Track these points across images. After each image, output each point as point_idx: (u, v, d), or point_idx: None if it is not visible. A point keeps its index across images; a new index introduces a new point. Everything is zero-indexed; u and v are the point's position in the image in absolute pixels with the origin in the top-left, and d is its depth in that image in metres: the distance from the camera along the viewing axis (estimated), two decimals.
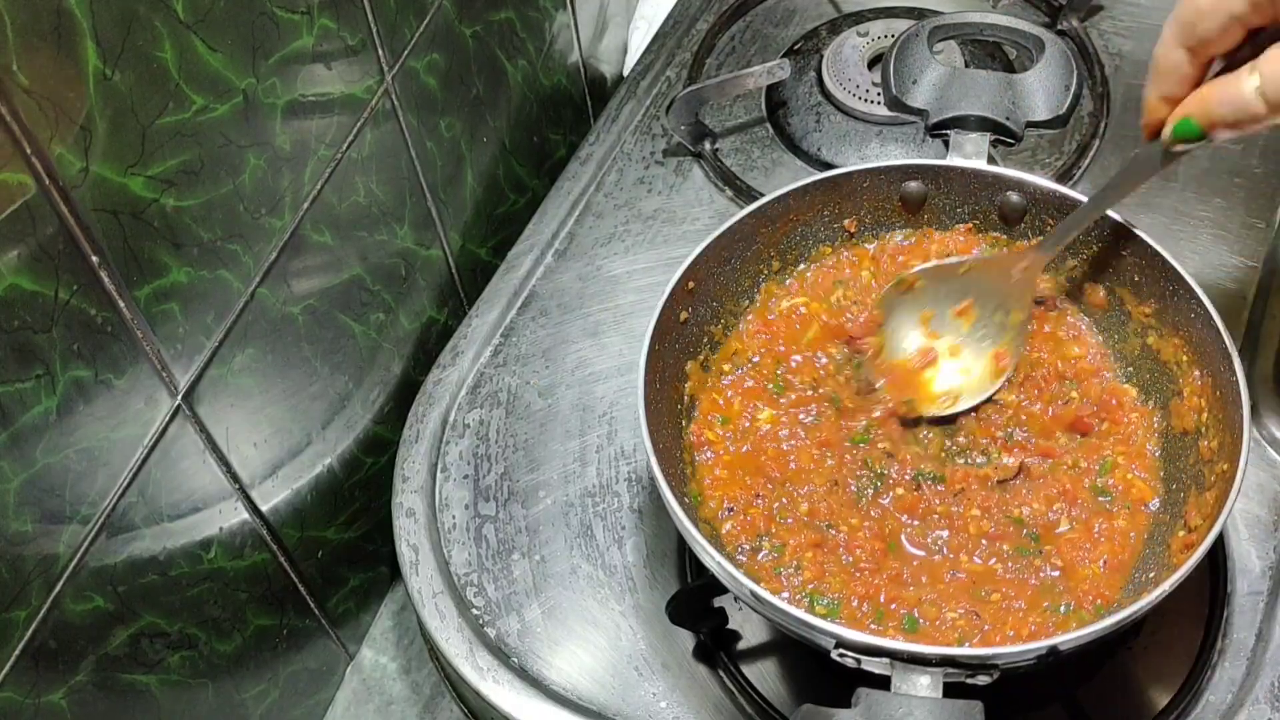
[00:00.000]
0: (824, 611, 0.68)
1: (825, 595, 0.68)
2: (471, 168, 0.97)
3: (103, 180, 0.59)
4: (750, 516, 0.71)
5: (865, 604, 0.68)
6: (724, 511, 0.72)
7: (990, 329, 0.76)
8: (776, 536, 0.70)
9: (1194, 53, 0.62)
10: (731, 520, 0.71)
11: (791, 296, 0.80)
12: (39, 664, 0.62)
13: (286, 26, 0.70)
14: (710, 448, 0.74)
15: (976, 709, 0.58)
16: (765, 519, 0.71)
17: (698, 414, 0.75)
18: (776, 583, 0.69)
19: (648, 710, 0.76)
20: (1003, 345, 0.75)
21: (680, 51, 1.08)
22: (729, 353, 0.78)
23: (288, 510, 0.81)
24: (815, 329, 0.78)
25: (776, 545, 0.70)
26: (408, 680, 0.93)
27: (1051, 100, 0.78)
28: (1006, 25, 0.81)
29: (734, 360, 0.78)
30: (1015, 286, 0.75)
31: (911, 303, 0.77)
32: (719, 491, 0.72)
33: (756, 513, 0.71)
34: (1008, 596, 0.68)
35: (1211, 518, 0.63)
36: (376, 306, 0.87)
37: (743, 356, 0.78)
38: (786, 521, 0.71)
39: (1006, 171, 0.76)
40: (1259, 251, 0.90)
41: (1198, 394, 0.71)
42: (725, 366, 0.78)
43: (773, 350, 0.78)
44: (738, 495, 0.72)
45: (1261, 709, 0.72)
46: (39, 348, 0.57)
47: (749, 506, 0.72)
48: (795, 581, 0.69)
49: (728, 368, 0.78)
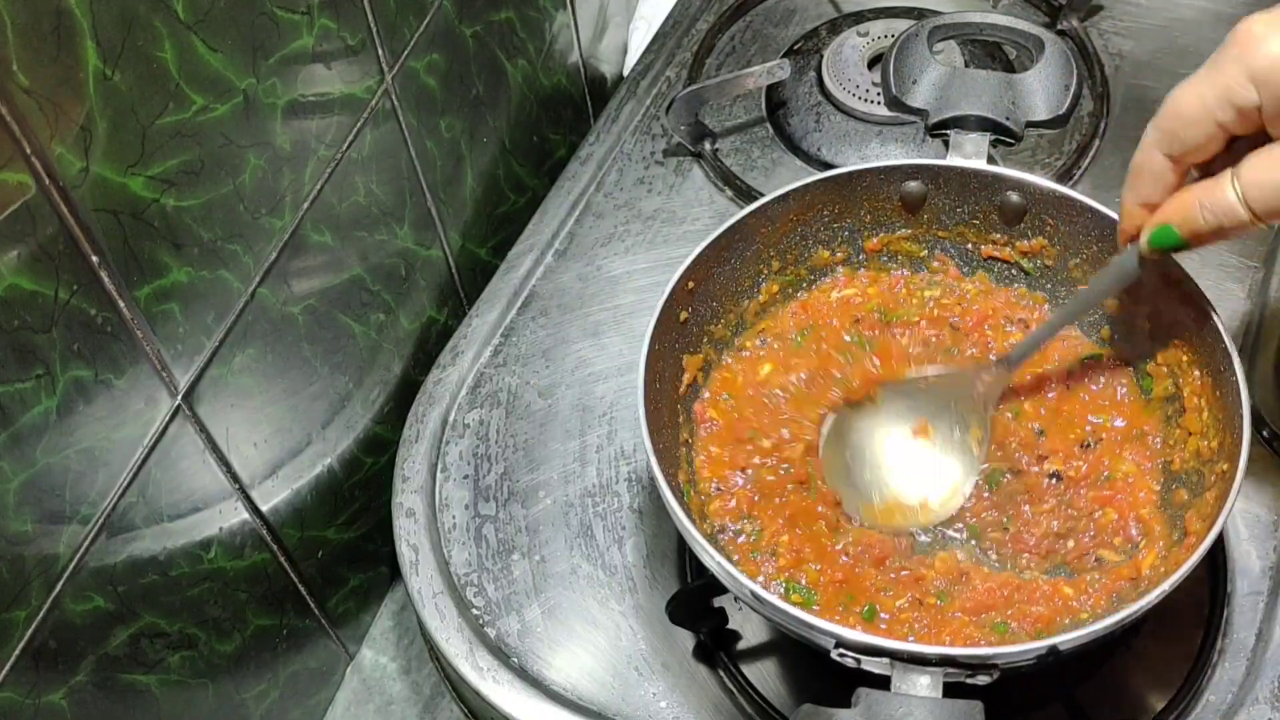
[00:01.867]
0: (799, 600, 0.68)
1: (798, 584, 0.69)
2: (471, 168, 0.97)
3: (103, 180, 0.59)
4: (736, 500, 0.72)
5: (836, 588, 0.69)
6: (713, 490, 0.73)
7: (950, 446, 0.74)
8: (756, 519, 0.71)
9: (1175, 160, 0.62)
10: (719, 499, 0.72)
11: (841, 288, 0.81)
12: (39, 664, 0.62)
13: (286, 26, 0.70)
14: (712, 423, 0.75)
15: (976, 709, 0.58)
16: (748, 501, 0.72)
17: (707, 394, 0.76)
18: (753, 567, 0.70)
19: (648, 710, 0.76)
20: (958, 462, 0.74)
21: (680, 51, 1.08)
22: (757, 330, 0.79)
23: (288, 510, 0.81)
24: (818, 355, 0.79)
25: (756, 529, 0.71)
26: (408, 680, 0.93)
27: (1051, 100, 0.78)
28: (1006, 25, 0.81)
29: (762, 335, 0.79)
30: (976, 402, 0.74)
31: (869, 420, 0.76)
32: (709, 472, 0.73)
33: (741, 494, 0.72)
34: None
35: (1211, 518, 0.63)
36: (376, 306, 0.87)
37: (771, 332, 0.79)
38: (772, 500, 0.72)
39: (1006, 171, 0.76)
40: (1259, 251, 0.90)
41: (1198, 394, 0.70)
42: (751, 343, 0.79)
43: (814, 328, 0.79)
44: (725, 474, 0.73)
45: (1261, 709, 0.72)
46: (39, 348, 0.57)
47: (735, 487, 0.73)
48: (770, 568, 0.70)
49: (753, 344, 0.79)
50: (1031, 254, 0.78)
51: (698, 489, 0.73)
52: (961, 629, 0.67)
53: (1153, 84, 1.01)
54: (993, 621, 0.67)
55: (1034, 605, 0.67)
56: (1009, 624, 0.67)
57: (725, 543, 0.71)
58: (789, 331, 0.79)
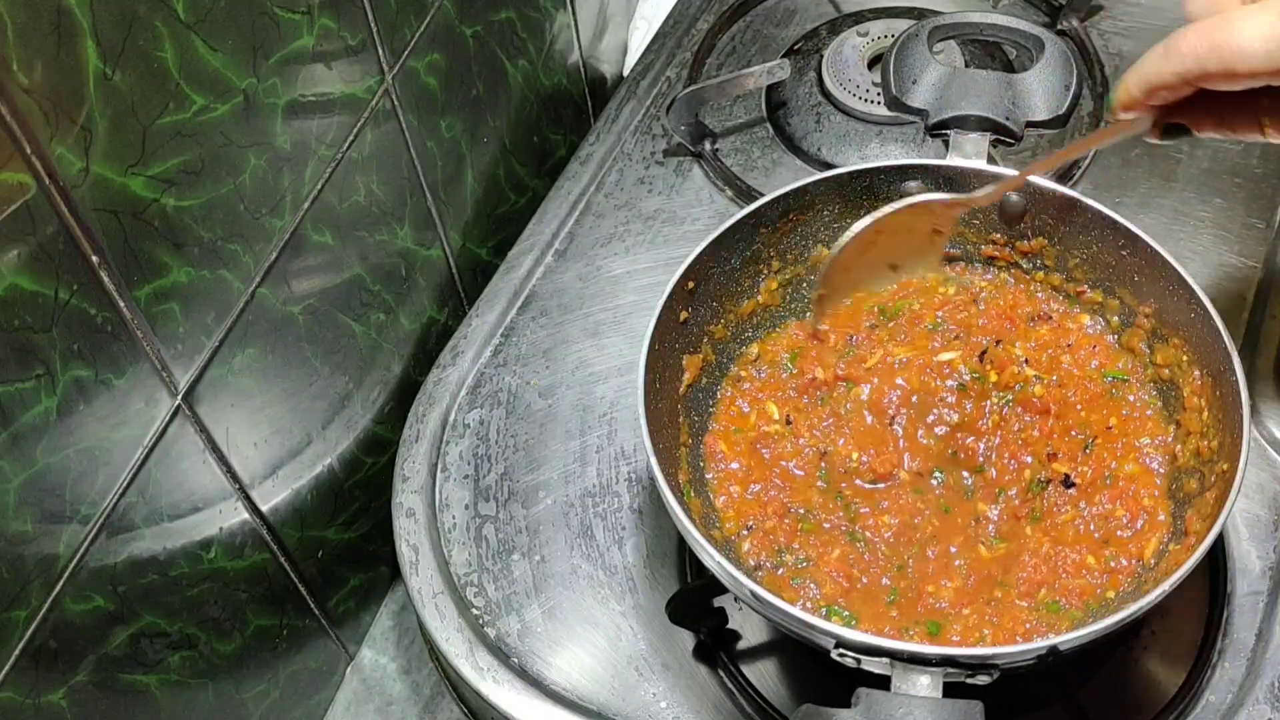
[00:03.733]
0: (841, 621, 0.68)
1: (843, 609, 0.69)
2: (472, 168, 0.97)
3: (103, 180, 0.59)
4: (769, 531, 0.71)
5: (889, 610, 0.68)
6: (744, 530, 0.72)
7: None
8: (801, 550, 0.71)
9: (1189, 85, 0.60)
10: (751, 539, 0.71)
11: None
12: (39, 664, 0.62)
13: (287, 26, 0.70)
14: (722, 457, 0.75)
15: (976, 709, 0.58)
16: (788, 534, 0.71)
17: (714, 424, 0.76)
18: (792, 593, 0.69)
19: (648, 710, 0.76)
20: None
21: (680, 51, 1.08)
22: (750, 358, 0.79)
23: (288, 510, 0.81)
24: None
25: (800, 558, 0.70)
26: (408, 680, 0.93)
27: (1051, 100, 0.78)
28: (1006, 25, 0.81)
29: (755, 364, 0.79)
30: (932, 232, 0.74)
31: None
32: (734, 512, 0.73)
33: (776, 527, 0.71)
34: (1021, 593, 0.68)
35: (1211, 518, 0.63)
36: (377, 306, 0.87)
37: (766, 359, 0.79)
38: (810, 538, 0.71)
39: (1006, 171, 0.76)
40: (1259, 251, 0.90)
41: (1198, 394, 0.70)
42: (745, 372, 0.78)
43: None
44: (755, 512, 0.72)
45: (1261, 709, 0.72)
46: (39, 348, 0.57)
47: (766, 521, 0.72)
48: (814, 594, 0.69)
49: (746, 373, 0.78)
50: (1031, 254, 0.78)
51: (722, 530, 0.73)
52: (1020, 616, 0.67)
53: None
54: (1045, 602, 0.67)
55: (1074, 579, 0.68)
56: (1059, 601, 0.67)
57: (762, 578, 0.71)
58: (780, 355, 0.79)
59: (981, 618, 0.67)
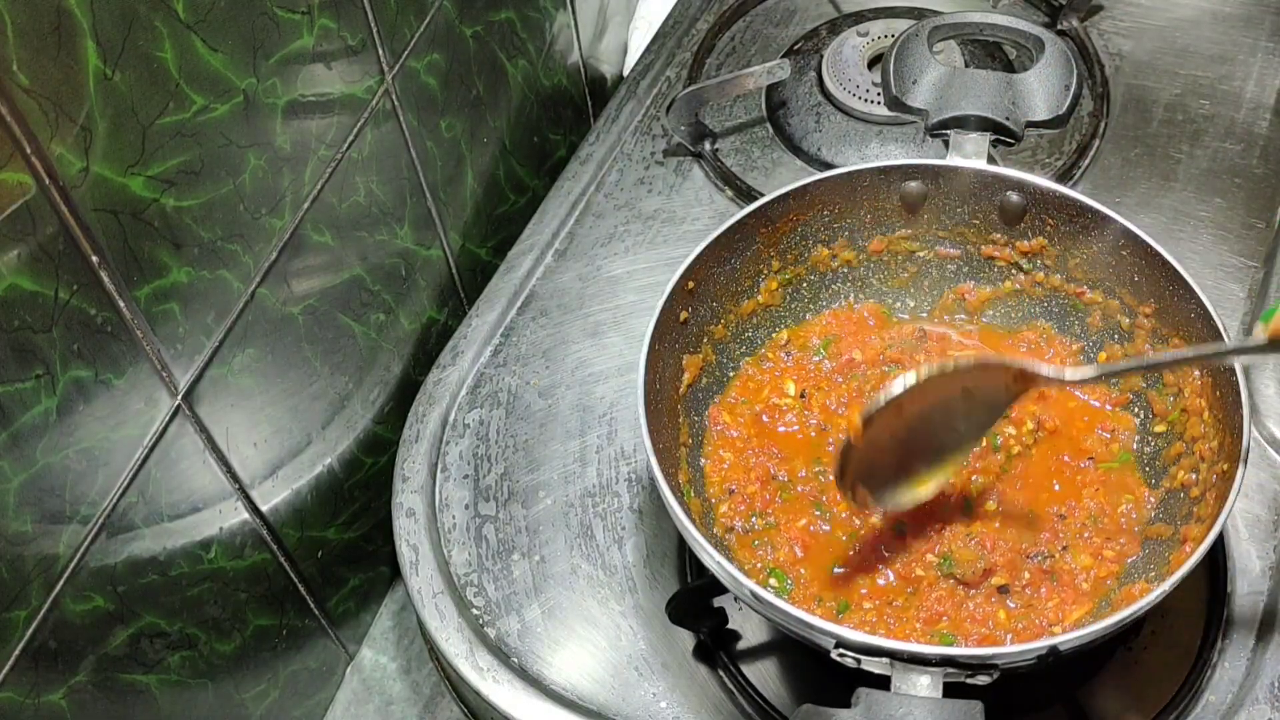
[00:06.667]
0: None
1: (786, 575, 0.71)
2: (471, 168, 0.97)
3: (103, 180, 0.59)
4: (750, 496, 0.73)
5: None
6: (726, 494, 0.74)
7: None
8: (771, 515, 0.73)
9: None
10: (730, 501, 0.73)
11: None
12: (39, 664, 0.62)
13: (287, 26, 0.70)
14: (725, 427, 0.76)
15: (976, 709, 0.58)
16: (765, 500, 0.73)
17: (723, 397, 0.78)
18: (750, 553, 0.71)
19: (648, 710, 0.76)
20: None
21: (680, 51, 1.08)
22: (779, 342, 0.80)
23: (288, 510, 0.81)
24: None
25: (770, 522, 0.72)
26: (408, 680, 0.93)
27: (1051, 100, 0.78)
28: (1006, 25, 0.81)
29: (786, 348, 0.80)
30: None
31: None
32: (719, 477, 0.74)
33: (757, 492, 0.73)
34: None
35: (1211, 518, 0.63)
36: (376, 306, 0.87)
37: (796, 343, 0.80)
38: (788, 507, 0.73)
39: (1006, 171, 0.76)
40: (1259, 251, 0.90)
41: (1198, 394, 0.71)
42: (772, 355, 0.80)
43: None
44: (740, 477, 0.74)
45: (1261, 709, 0.72)
46: (39, 348, 0.57)
47: (749, 486, 0.74)
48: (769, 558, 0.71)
49: (774, 356, 0.80)
50: (1031, 254, 0.78)
51: (704, 494, 0.73)
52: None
53: (1153, 84, 1.01)
54: (940, 631, 0.69)
55: (977, 626, 0.69)
56: (952, 636, 0.69)
57: (730, 543, 0.72)
58: (811, 339, 0.80)
59: (880, 617, 0.69)
